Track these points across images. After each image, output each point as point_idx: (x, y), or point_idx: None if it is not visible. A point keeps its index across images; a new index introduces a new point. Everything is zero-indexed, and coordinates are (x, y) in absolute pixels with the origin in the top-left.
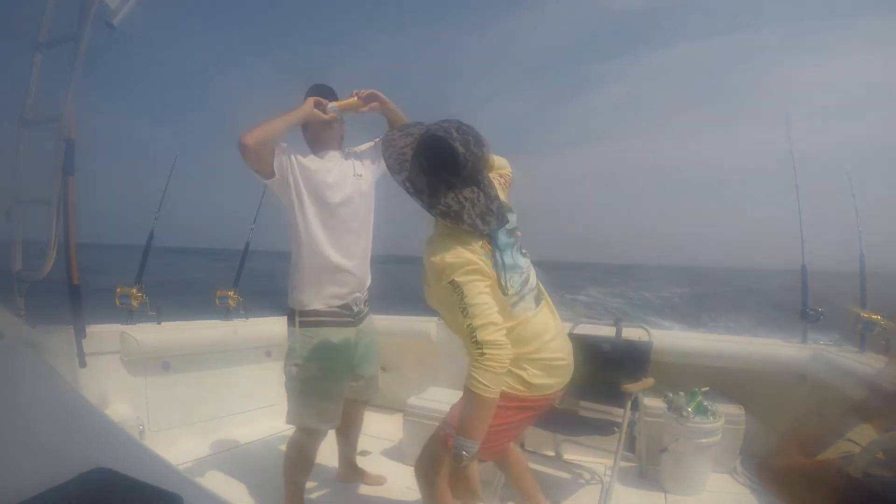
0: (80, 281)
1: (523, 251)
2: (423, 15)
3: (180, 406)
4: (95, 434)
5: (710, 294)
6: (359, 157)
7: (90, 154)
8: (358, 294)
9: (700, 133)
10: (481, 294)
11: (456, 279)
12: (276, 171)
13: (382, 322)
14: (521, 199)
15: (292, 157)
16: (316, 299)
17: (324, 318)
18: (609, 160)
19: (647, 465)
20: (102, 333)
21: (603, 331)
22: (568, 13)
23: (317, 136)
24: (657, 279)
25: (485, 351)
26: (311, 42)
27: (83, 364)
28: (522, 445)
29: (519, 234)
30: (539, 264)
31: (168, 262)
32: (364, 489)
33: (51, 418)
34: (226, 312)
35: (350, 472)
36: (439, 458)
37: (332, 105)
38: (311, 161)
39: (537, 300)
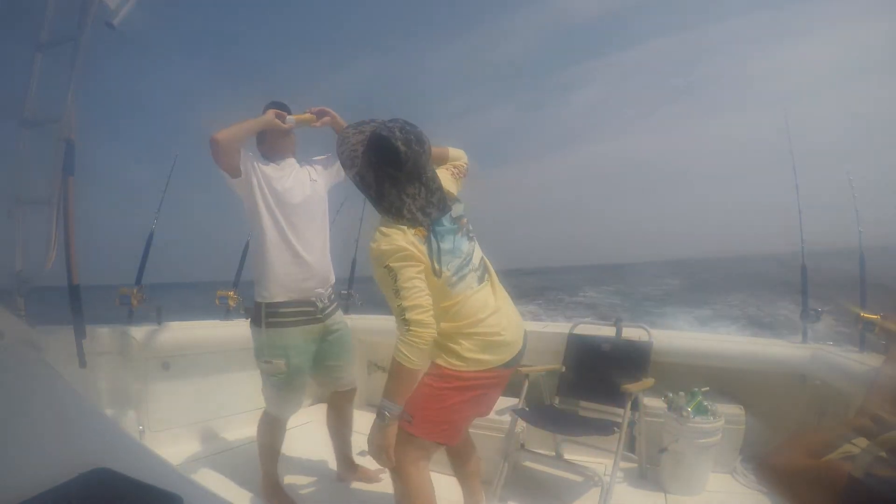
0: (80, 281)
1: (470, 236)
2: (391, 40)
3: (180, 406)
4: (95, 434)
5: (704, 281)
6: (313, 164)
7: (91, 154)
8: (321, 290)
9: (674, 127)
10: (412, 279)
11: (390, 264)
12: (241, 171)
13: (382, 322)
14: (510, 206)
15: (255, 162)
16: (281, 291)
17: (289, 319)
18: (587, 161)
19: (647, 465)
20: (102, 333)
21: (603, 331)
22: (531, 25)
23: (274, 145)
24: (650, 274)
25: (410, 328)
26: (288, 70)
27: (83, 364)
28: (523, 446)
29: (465, 221)
30: (535, 272)
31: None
32: (366, 488)
33: (51, 418)
34: (226, 312)
35: (347, 469)
36: (404, 445)
37: (290, 118)
38: (270, 168)
39: (480, 279)
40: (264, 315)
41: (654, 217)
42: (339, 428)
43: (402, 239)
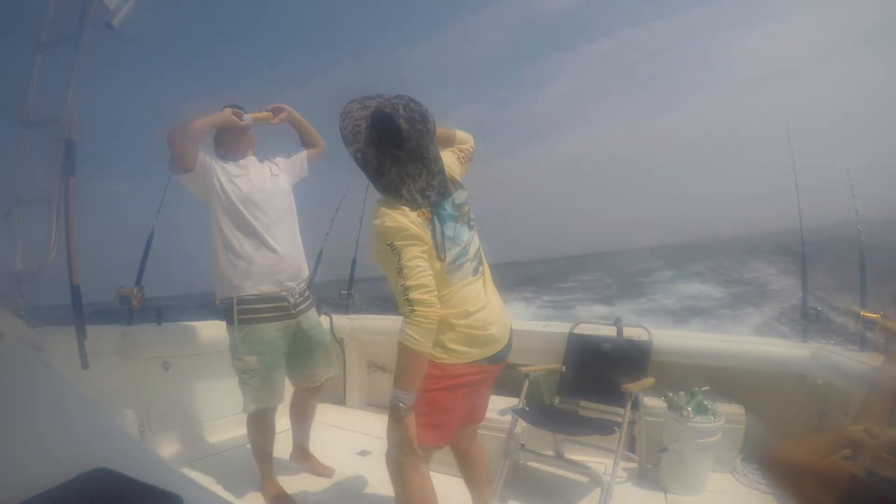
0: (80, 281)
1: (471, 224)
2: (364, 43)
3: (180, 406)
4: (95, 434)
5: (691, 260)
6: (273, 162)
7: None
8: (292, 283)
9: (650, 116)
10: (416, 258)
11: (395, 243)
12: (195, 167)
13: (382, 322)
14: (502, 200)
15: (214, 161)
16: (249, 284)
17: (261, 315)
18: (560, 154)
19: (647, 465)
20: (103, 333)
21: (603, 331)
22: (500, 20)
23: (232, 145)
24: (637, 259)
25: (415, 308)
26: (260, 77)
27: (85, 364)
28: (523, 445)
29: (467, 209)
30: (512, 264)
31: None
32: (366, 489)
33: (51, 418)
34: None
35: (300, 456)
36: (402, 441)
37: (247, 115)
38: (230, 165)
39: (475, 271)
40: (236, 311)
41: (633, 205)
42: (300, 418)
43: (405, 218)
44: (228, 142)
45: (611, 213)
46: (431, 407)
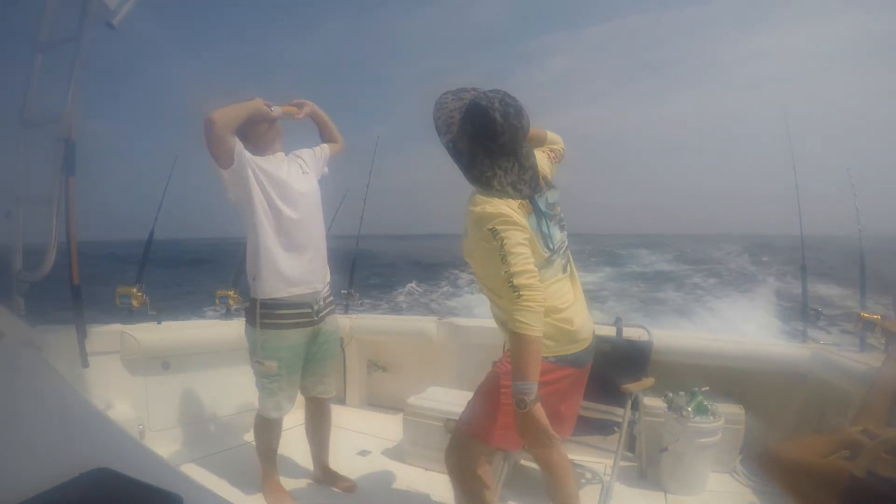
0: (80, 281)
1: (562, 224)
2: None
3: (180, 406)
4: (95, 434)
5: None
6: (299, 157)
7: (90, 154)
8: (319, 287)
9: (645, 103)
10: (519, 245)
11: (496, 227)
12: (234, 159)
13: (382, 322)
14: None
15: (247, 153)
16: (281, 285)
17: (284, 321)
18: (556, 131)
19: (647, 465)
20: (103, 333)
21: (603, 331)
22: None
23: (261, 138)
24: (625, 247)
25: (522, 293)
26: (254, 35)
27: (86, 364)
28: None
29: (559, 209)
30: None
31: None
32: (364, 488)
33: (51, 418)
34: (226, 312)
35: (323, 474)
36: (466, 449)
37: (276, 107)
38: (262, 159)
39: (564, 269)
40: (259, 315)
41: (625, 191)
42: (317, 434)
43: (506, 206)
44: (257, 135)
45: (601, 196)
46: (505, 406)
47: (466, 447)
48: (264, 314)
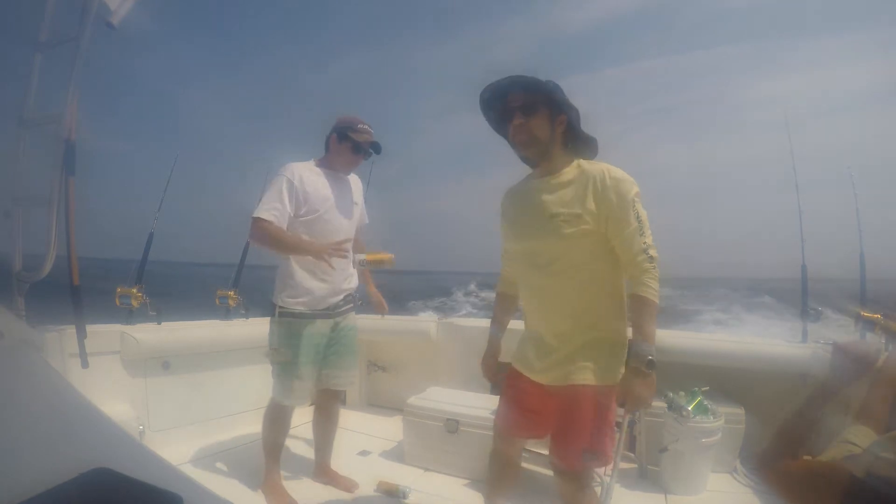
0: (80, 281)
1: None
2: (383, 32)
3: (180, 406)
4: (95, 434)
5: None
6: (358, 188)
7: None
8: (336, 296)
9: (658, 147)
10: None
11: (637, 199)
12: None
13: (382, 322)
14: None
15: (295, 183)
16: (298, 304)
17: (301, 320)
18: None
19: (647, 465)
20: (102, 333)
21: None
22: (523, 32)
23: (339, 162)
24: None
25: (655, 265)
26: (279, 56)
27: (86, 364)
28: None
29: None
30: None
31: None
32: (364, 488)
33: (51, 418)
34: (226, 312)
35: (324, 473)
36: (589, 481)
37: (361, 257)
38: (314, 177)
39: None
40: (278, 312)
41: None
42: (322, 431)
43: None
44: (341, 159)
45: None
46: (610, 424)
47: (589, 478)
48: (282, 313)
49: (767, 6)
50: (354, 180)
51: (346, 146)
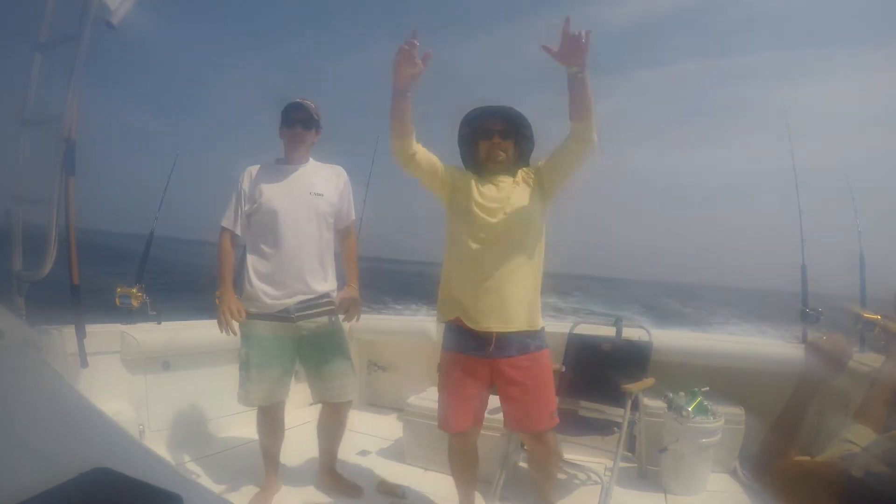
0: (80, 280)
1: None
2: (415, 23)
3: (180, 406)
4: (95, 434)
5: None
6: (330, 180)
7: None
8: (289, 298)
9: (686, 148)
10: None
11: None
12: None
13: (383, 322)
14: None
15: (244, 184)
16: (250, 304)
17: (255, 316)
18: (595, 172)
19: (647, 465)
20: (102, 333)
21: (603, 331)
22: (555, 29)
23: (287, 149)
24: (645, 292)
25: None
26: (304, 42)
27: (85, 364)
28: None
29: None
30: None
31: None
32: (364, 488)
33: (51, 418)
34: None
35: (326, 478)
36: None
37: (332, 295)
38: (262, 173)
39: None
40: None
41: (655, 236)
42: (324, 435)
43: None
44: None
45: (630, 236)
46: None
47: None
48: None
49: (798, 15)
50: (331, 173)
51: (282, 128)
